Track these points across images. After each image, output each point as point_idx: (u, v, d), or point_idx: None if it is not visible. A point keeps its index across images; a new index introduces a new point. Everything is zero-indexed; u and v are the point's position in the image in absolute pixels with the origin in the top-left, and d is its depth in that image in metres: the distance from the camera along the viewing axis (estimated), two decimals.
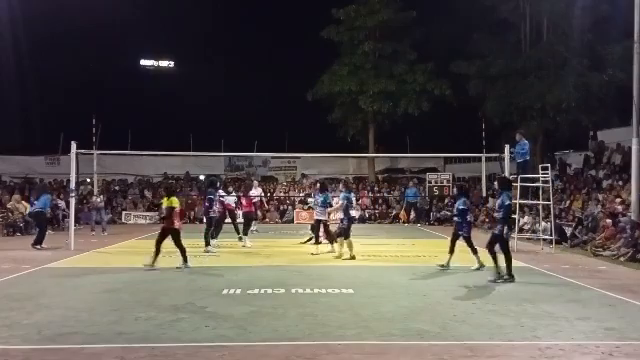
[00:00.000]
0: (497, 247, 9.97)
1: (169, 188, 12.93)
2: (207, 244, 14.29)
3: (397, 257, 13.23)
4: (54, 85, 33.01)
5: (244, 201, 16.42)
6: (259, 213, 20.94)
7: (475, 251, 11.24)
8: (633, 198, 14.65)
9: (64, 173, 22.08)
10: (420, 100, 29.09)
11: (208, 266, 11.82)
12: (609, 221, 14.63)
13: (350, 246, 12.86)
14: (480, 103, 26.63)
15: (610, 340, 6.22)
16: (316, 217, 13.93)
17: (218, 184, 15.71)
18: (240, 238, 15.68)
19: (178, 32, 36.55)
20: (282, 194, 28.14)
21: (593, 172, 21.89)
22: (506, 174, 15.89)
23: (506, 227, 9.95)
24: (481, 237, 18.70)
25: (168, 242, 11.35)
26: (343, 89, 29.19)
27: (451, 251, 11.25)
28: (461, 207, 11.17)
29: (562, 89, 23.14)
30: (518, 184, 14.87)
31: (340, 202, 13.25)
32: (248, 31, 37.72)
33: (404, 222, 24.69)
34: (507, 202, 10.01)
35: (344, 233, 12.89)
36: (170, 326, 6.72)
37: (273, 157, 31.62)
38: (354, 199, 15.43)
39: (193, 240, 16.95)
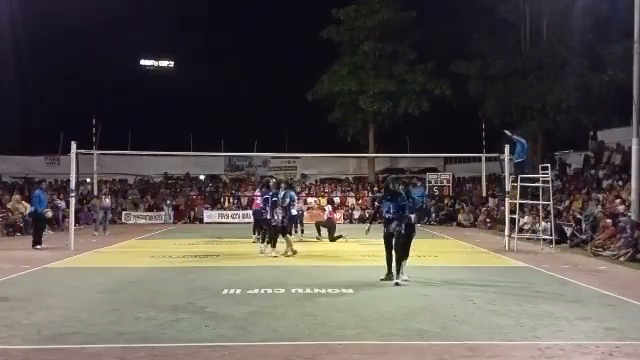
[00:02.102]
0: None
1: None
2: (273, 245, 13.29)
3: None
4: (54, 85, 33.04)
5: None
6: None
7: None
8: (633, 198, 14.65)
9: (64, 173, 22.09)
10: (420, 100, 29.12)
11: (208, 266, 11.82)
12: (609, 221, 14.63)
13: (289, 244, 13.04)
14: (480, 103, 26.65)
15: (610, 340, 6.21)
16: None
17: (271, 184, 15.09)
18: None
19: (178, 32, 36.58)
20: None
21: (593, 172, 21.89)
22: (506, 174, 15.90)
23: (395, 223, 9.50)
24: (482, 236, 18.80)
25: (168, 243, 11.32)
26: (343, 89, 29.22)
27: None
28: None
29: (562, 89, 23.16)
30: (518, 184, 14.89)
31: (286, 200, 13.23)
32: (248, 31, 37.74)
33: None
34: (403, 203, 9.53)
35: (283, 230, 13.06)
36: (170, 326, 6.71)
37: (273, 157, 31.64)
38: (296, 198, 15.38)
39: (193, 240, 17.02)
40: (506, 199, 15.66)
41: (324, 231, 17.38)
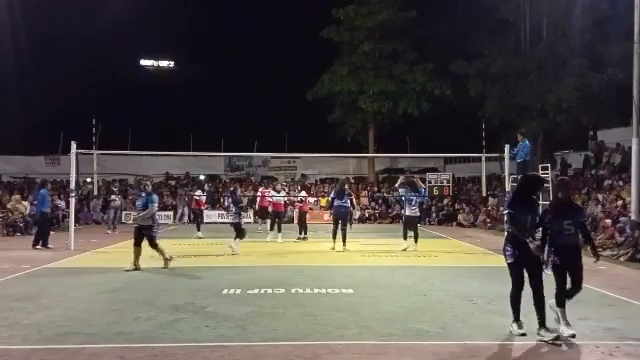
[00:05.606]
0: None
1: None
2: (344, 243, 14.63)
3: (397, 257, 13.23)
4: (54, 85, 33.00)
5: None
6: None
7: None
8: (633, 198, 14.64)
9: (64, 173, 22.09)
10: (420, 100, 29.10)
11: (208, 266, 11.82)
12: (609, 221, 14.63)
13: (161, 252, 11.38)
14: (480, 103, 26.62)
15: (610, 340, 6.21)
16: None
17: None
18: (305, 238, 16.98)
19: (178, 32, 36.56)
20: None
21: (593, 172, 21.88)
22: (505, 174, 15.88)
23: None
24: (482, 236, 18.79)
25: (168, 243, 11.30)
26: (343, 89, 29.22)
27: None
28: None
29: (562, 89, 23.12)
30: None
31: (152, 206, 11.39)
32: (248, 31, 37.74)
33: None
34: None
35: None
36: (170, 326, 6.71)
37: (273, 157, 31.62)
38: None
39: (193, 240, 17.00)
40: (506, 199, 15.63)
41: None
